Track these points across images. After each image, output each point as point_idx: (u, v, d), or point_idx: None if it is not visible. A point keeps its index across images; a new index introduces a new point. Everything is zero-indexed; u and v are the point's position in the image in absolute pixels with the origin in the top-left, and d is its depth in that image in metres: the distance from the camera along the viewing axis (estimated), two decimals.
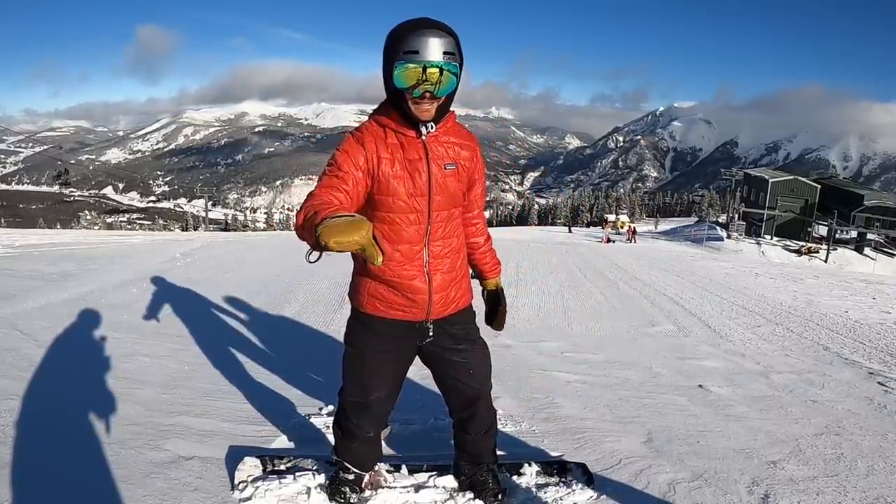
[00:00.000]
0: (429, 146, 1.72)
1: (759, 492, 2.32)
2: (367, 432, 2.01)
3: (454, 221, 1.85)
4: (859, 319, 7.02)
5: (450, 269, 1.86)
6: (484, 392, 2.02)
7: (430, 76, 1.55)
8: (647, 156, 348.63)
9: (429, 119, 1.67)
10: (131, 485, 2.07)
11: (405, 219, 1.75)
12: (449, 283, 1.86)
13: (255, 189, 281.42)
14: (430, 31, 1.54)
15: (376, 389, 1.93)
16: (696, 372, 4.20)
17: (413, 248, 1.78)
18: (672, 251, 22.65)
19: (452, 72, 1.58)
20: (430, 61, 1.54)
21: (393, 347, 1.90)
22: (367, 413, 1.96)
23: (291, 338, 4.71)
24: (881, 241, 35.60)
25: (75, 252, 9.54)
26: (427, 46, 1.53)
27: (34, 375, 3.12)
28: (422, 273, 1.80)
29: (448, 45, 1.55)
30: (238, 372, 3.53)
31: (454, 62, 1.57)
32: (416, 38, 1.53)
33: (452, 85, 1.61)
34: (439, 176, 1.75)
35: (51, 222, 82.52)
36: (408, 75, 1.56)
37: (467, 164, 1.82)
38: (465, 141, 1.82)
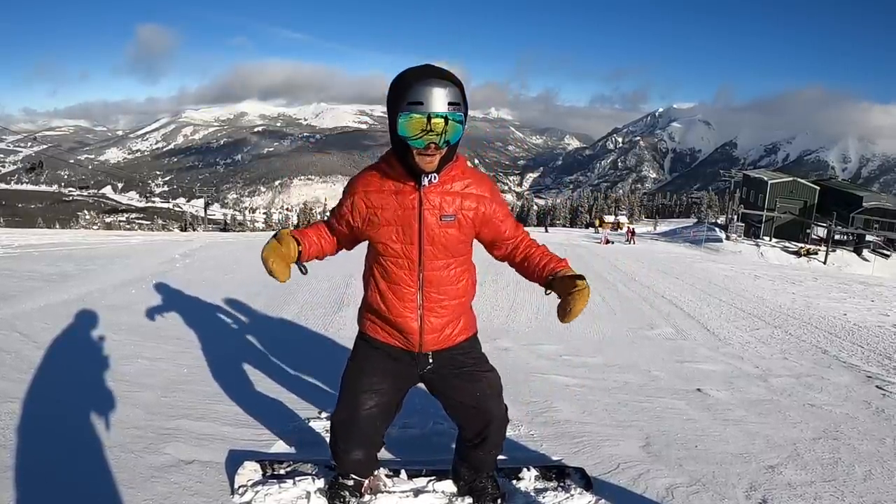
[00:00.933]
0: (424, 197, 1.71)
1: (756, 496, 2.33)
2: (354, 456, 1.99)
3: (454, 271, 1.84)
4: (858, 322, 7.04)
5: (445, 314, 1.86)
6: (497, 415, 1.98)
7: (435, 126, 1.54)
8: (646, 157, 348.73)
9: (431, 170, 1.66)
10: (131, 489, 2.07)
11: (397, 263, 1.80)
12: (444, 325, 1.87)
13: (255, 189, 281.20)
14: (435, 81, 1.53)
15: (368, 403, 1.91)
16: (694, 375, 4.21)
17: (405, 290, 1.82)
18: (671, 252, 22.68)
19: (457, 121, 1.57)
20: (435, 112, 1.53)
21: (392, 367, 1.92)
22: (355, 430, 1.94)
23: (291, 340, 4.72)
24: (880, 242, 35.64)
25: (74, 253, 9.54)
26: (432, 97, 1.52)
27: (34, 378, 3.12)
28: (415, 314, 1.83)
29: (453, 96, 1.54)
30: (238, 375, 3.53)
31: (459, 112, 1.56)
32: (420, 89, 1.52)
33: (458, 135, 1.60)
34: (434, 227, 1.74)
35: (50, 222, 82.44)
36: (412, 125, 1.55)
37: (471, 214, 1.77)
38: (471, 188, 1.76)
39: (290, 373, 3.63)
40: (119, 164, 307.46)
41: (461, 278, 1.87)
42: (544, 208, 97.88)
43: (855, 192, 41.94)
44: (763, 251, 30.41)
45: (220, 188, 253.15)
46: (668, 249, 26.73)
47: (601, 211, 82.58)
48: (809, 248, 31.94)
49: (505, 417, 2.04)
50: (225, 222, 74.79)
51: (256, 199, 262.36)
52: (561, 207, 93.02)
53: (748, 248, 31.11)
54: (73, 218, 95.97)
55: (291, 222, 77.50)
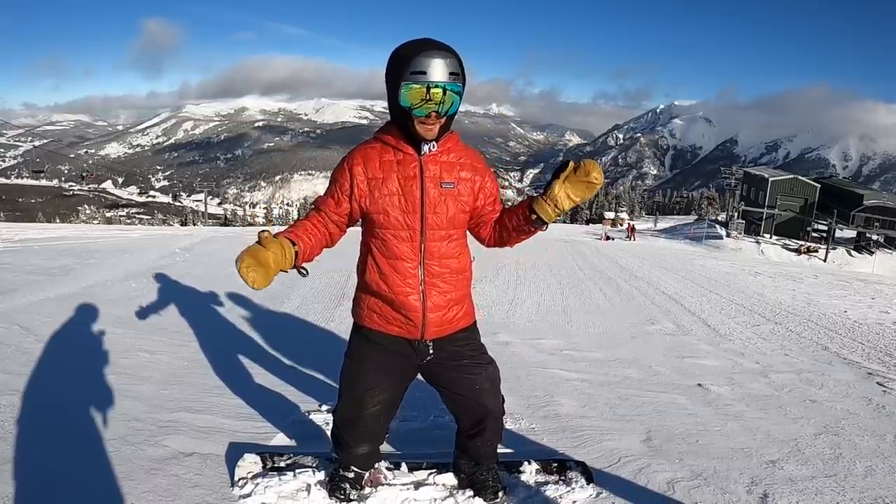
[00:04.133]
0: (424, 164, 1.75)
1: (757, 491, 2.32)
2: (361, 451, 2.00)
3: (454, 243, 1.84)
4: (858, 319, 7.04)
5: (447, 289, 1.84)
6: (493, 410, 1.98)
7: (435, 96, 1.58)
8: (646, 153, 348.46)
9: (432, 138, 1.70)
10: (131, 481, 2.07)
11: (398, 235, 1.77)
12: (447, 304, 1.85)
13: (255, 184, 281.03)
14: (436, 52, 1.57)
15: (371, 402, 1.91)
16: (695, 371, 4.20)
17: (406, 265, 1.79)
18: (671, 249, 22.67)
19: (456, 91, 1.62)
20: (436, 81, 1.57)
21: (391, 361, 1.90)
22: (361, 428, 1.95)
23: (291, 334, 4.71)
24: (880, 240, 35.62)
25: (75, 246, 9.53)
26: (433, 67, 1.56)
27: (34, 371, 3.12)
28: (416, 290, 1.81)
29: (453, 66, 1.58)
30: (238, 368, 3.53)
31: (458, 82, 1.61)
32: (422, 59, 1.56)
33: (456, 105, 1.65)
34: (434, 194, 1.76)
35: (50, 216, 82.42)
36: (413, 95, 1.59)
37: (468, 183, 1.81)
38: (466, 160, 1.82)
39: (291, 366, 3.62)
40: (119, 158, 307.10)
41: (461, 252, 1.87)
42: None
43: (856, 190, 41.89)
44: (763, 248, 30.37)
45: (220, 183, 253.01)
46: (668, 246, 26.72)
47: (602, 207, 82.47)
48: (810, 245, 31.92)
49: (501, 410, 2.04)
50: (225, 217, 74.75)
51: (257, 195, 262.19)
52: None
53: (748, 245, 31.07)
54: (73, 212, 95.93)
55: (292, 217, 77.43)
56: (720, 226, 39.26)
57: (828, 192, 40.85)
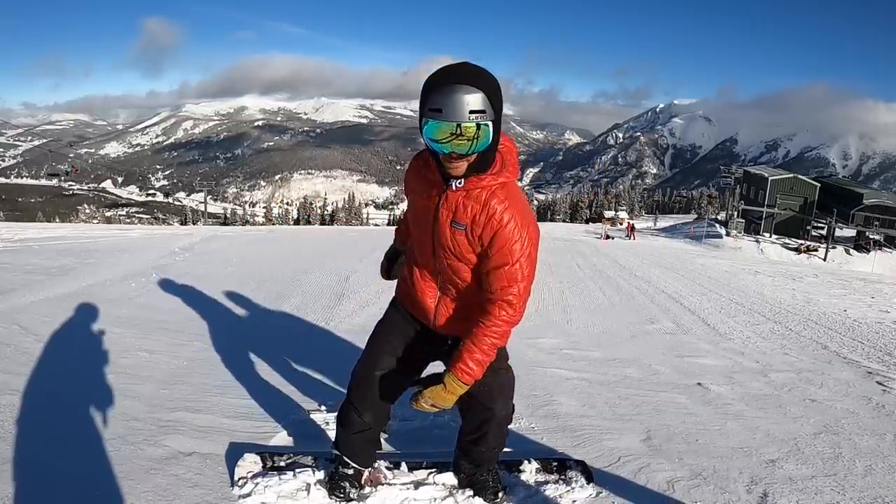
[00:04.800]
0: (447, 196, 1.64)
1: (757, 490, 2.32)
2: (366, 418, 1.99)
3: (472, 274, 1.74)
4: (858, 318, 7.04)
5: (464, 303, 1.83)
6: (498, 414, 1.97)
7: (466, 131, 1.45)
8: (646, 152, 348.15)
9: (458, 176, 1.58)
10: (131, 481, 2.07)
11: (419, 248, 1.87)
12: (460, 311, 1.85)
13: (255, 183, 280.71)
14: (458, 87, 1.43)
15: (383, 366, 1.96)
16: (694, 370, 4.20)
17: (426, 272, 1.88)
18: (671, 248, 22.67)
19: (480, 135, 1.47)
20: (457, 122, 1.44)
21: (414, 335, 1.98)
22: (370, 392, 1.96)
23: (291, 333, 4.71)
24: (880, 240, 35.62)
25: (74, 246, 9.52)
26: (451, 105, 1.43)
27: (34, 370, 3.11)
28: (433, 296, 1.88)
29: (475, 103, 1.43)
30: (238, 368, 3.52)
31: (484, 121, 1.46)
32: (441, 96, 1.43)
33: (486, 141, 1.49)
34: (443, 229, 1.68)
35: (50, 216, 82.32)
36: (437, 131, 1.47)
37: (478, 233, 1.64)
38: (493, 209, 1.61)
39: (291, 365, 3.62)
40: (119, 158, 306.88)
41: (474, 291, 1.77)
42: (545, 203, 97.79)
43: (855, 189, 41.87)
44: (763, 247, 30.35)
45: (220, 182, 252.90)
46: (668, 245, 26.69)
47: (601, 206, 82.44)
48: (809, 244, 31.91)
49: (507, 419, 2.03)
50: (225, 216, 74.65)
51: (256, 194, 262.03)
52: (561, 203, 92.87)
53: (748, 244, 31.04)
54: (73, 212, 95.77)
55: (291, 217, 77.37)
56: (720, 225, 39.24)
57: (827, 191, 40.83)
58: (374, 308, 5.52)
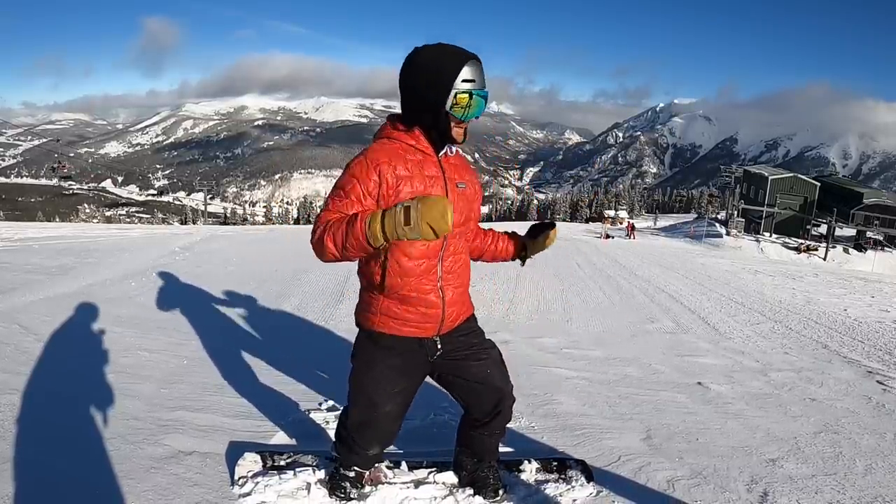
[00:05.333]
0: (444, 165, 1.81)
1: (757, 489, 2.32)
2: (371, 453, 1.98)
3: (465, 237, 1.94)
4: (858, 318, 7.04)
5: (459, 283, 1.90)
6: (506, 390, 2.00)
7: (477, 103, 1.70)
8: (646, 152, 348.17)
9: (462, 141, 1.78)
10: (131, 480, 2.07)
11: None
12: (459, 297, 1.90)
13: (255, 183, 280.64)
14: (478, 62, 1.69)
15: (386, 403, 1.88)
16: (695, 369, 4.20)
17: (429, 263, 1.81)
18: (671, 248, 22.66)
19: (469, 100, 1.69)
20: (480, 90, 1.69)
21: (403, 363, 1.88)
22: (374, 431, 1.92)
23: (291, 332, 4.71)
24: (880, 239, 35.62)
25: (74, 245, 9.53)
26: (481, 78, 1.69)
27: (34, 370, 3.12)
28: (435, 288, 1.83)
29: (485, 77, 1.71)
30: (238, 367, 3.53)
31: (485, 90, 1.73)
32: (471, 69, 1.67)
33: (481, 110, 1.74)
34: (454, 195, 1.81)
35: (49, 215, 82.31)
36: (462, 100, 1.67)
37: (474, 181, 1.93)
38: (465, 164, 1.93)
39: (291, 365, 3.62)
40: (119, 157, 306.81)
41: (466, 247, 1.97)
42: (544, 203, 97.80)
43: (855, 188, 41.86)
44: (763, 247, 30.34)
45: (220, 182, 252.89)
46: (668, 244, 26.69)
47: (601, 206, 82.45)
48: (809, 244, 31.91)
49: (512, 391, 2.04)
50: (225, 216, 74.68)
51: (257, 193, 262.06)
52: (561, 202, 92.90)
53: (748, 243, 31.03)
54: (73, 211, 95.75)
55: (292, 216, 77.41)
56: (720, 224, 39.23)
57: (827, 190, 40.83)
58: None
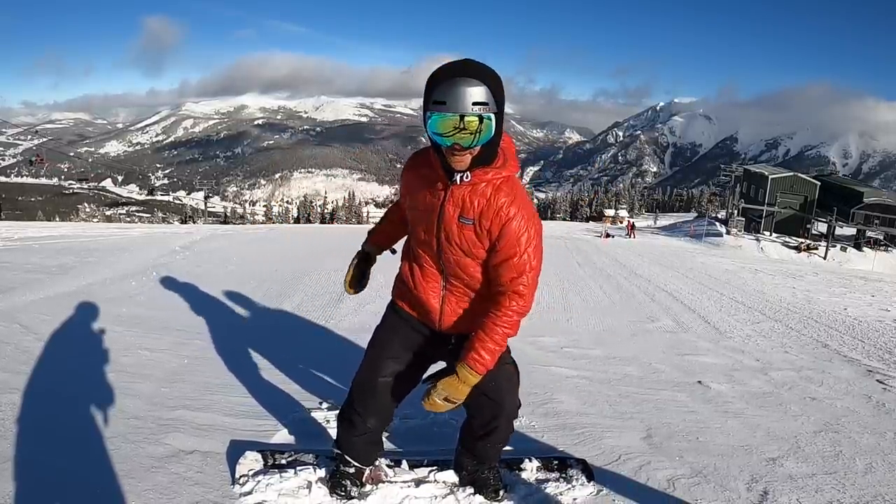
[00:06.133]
0: (452, 192, 1.66)
1: (758, 488, 2.33)
2: (368, 422, 1.99)
3: (478, 268, 1.76)
4: (858, 317, 7.04)
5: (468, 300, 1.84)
6: (509, 408, 1.98)
7: (469, 125, 1.49)
8: (646, 151, 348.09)
9: (462, 168, 1.59)
10: (132, 479, 2.07)
11: (421, 247, 1.83)
12: (466, 307, 1.85)
13: (255, 182, 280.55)
14: (462, 80, 1.47)
15: (386, 372, 1.94)
16: (695, 368, 4.20)
17: (429, 270, 1.85)
18: (671, 247, 22.66)
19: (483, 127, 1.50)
20: (461, 114, 1.47)
21: (414, 337, 1.96)
22: (372, 396, 1.95)
23: (292, 332, 4.71)
24: (880, 238, 35.61)
25: (74, 245, 9.52)
26: (455, 97, 1.47)
27: (34, 369, 3.12)
28: (437, 295, 1.85)
29: (479, 95, 1.47)
30: (238, 366, 3.52)
31: (486, 112, 1.49)
32: (445, 88, 1.48)
33: (488, 133, 1.52)
34: (450, 225, 1.70)
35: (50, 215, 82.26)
36: (440, 124, 1.50)
37: (486, 226, 1.66)
38: (496, 204, 1.65)
39: (292, 363, 3.62)
40: (119, 156, 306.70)
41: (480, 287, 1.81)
42: (545, 202, 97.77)
43: (856, 187, 41.83)
44: (763, 246, 30.34)
45: (220, 181, 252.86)
46: (668, 244, 26.68)
47: (601, 205, 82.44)
48: (809, 243, 31.91)
49: (515, 413, 2.03)
50: (225, 215, 74.64)
51: (257, 192, 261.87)
52: (561, 201, 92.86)
53: (748, 242, 31.03)
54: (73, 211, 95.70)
55: (292, 215, 77.34)
56: (720, 223, 39.22)
57: (828, 189, 40.79)
58: (374, 306, 5.51)
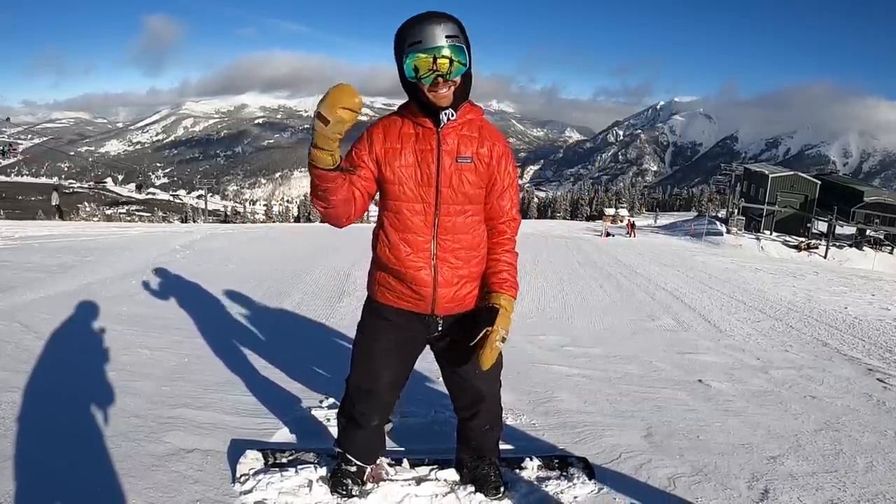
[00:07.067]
0: (442, 137, 1.73)
1: (758, 487, 2.32)
2: (372, 421, 1.99)
3: (470, 219, 1.81)
4: (858, 316, 7.04)
5: (460, 265, 1.82)
6: (490, 393, 2.00)
7: (441, 66, 1.60)
8: (647, 150, 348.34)
9: (447, 104, 1.69)
10: (132, 477, 2.07)
11: (412, 208, 1.76)
12: (458, 280, 1.83)
13: (255, 181, 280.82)
14: (431, 19, 1.59)
15: (383, 376, 1.92)
16: (695, 367, 4.20)
17: (419, 239, 1.78)
18: (671, 246, 22.66)
19: (461, 61, 1.62)
20: (436, 47, 1.58)
21: (401, 336, 1.91)
22: (373, 399, 1.95)
23: (292, 330, 4.71)
24: (880, 238, 35.62)
25: (74, 244, 9.52)
26: (429, 34, 1.58)
27: (34, 368, 3.12)
28: (428, 265, 1.79)
29: (449, 30, 1.59)
30: (239, 364, 3.53)
31: (459, 44, 1.61)
32: (418, 29, 1.59)
33: (462, 68, 1.64)
34: (450, 168, 1.74)
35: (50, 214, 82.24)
36: (417, 64, 1.61)
37: (486, 159, 1.78)
38: (486, 137, 1.79)
39: (292, 362, 3.62)
40: (119, 156, 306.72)
41: (476, 228, 1.84)
42: (545, 201, 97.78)
43: (856, 187, 41.86)
44: (763, 245, 30.37)
45: (220, 180, 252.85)
46: (668, 243, 26.68)
47: (602, 204, 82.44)
48: (810, 242, 31.92)
49: (497, 395, 2.04)
50: (225, 214, 74.64)
51: (257, 191, 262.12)
52: (562, 200, 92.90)
53: (749, 241, 31.06)
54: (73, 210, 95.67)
55: (292, 214, 77.40)
56: (720, 222, 39.23)
57: (828, 188, 40.82)
58: None
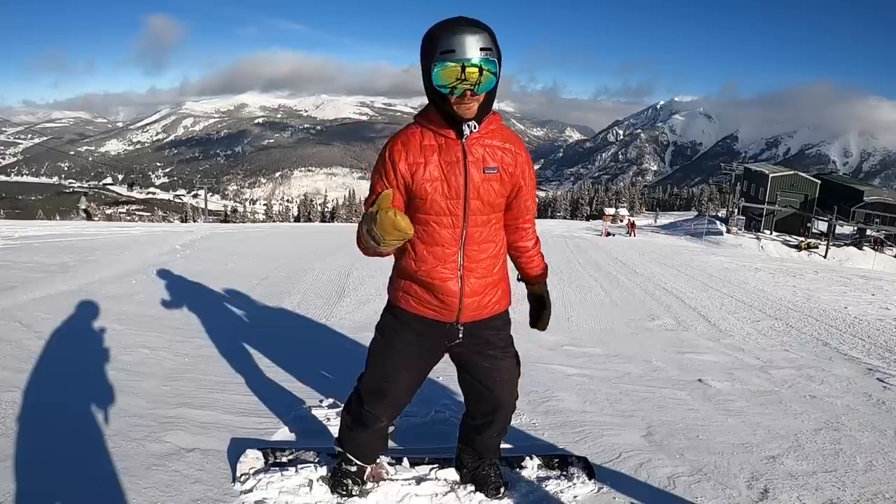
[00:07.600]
0: (468, 148, 1.70)
1: (758, 486, 2.33)
2: (380, 422, 1.98)
3: (493, 227, 1.81)
4: (858, 315, 7.04)
5: (485, 273, 1.82)
6: (507, 402, 1.98)
7: (470, 76, 1.54)
8: (647, 149, 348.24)
9: (471, 117, 1.65)
10: (132, 477, 2.07)
11: (440, 221, 1.74)
12: (483, 288, 1.83)
13: (255, 180, 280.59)
14: (466, 28, 1.53)
15: (398, 380, 1.90)
16: (695, 366, 4.21)
17: (447, 251, 1.76)
18: (672, 245, 22.66)
19: (492, 70, 1.57)
20: (468, 59, 1.52)
21: (421, 343, 1.89)
22: (384, 402, 1.93)
23: (292, 330, 4.71)
24: (880, 237, 35.61)
25: (75, 243, 9.52)
26: (463, 45, 1.52)
27: (34, 367, 3.12)
28: (455, 276, 1.78)
29: (484, 41, 1.53)
30: (239, 364, 3.53)
31: (492, 57, 1.55)
32: (451, 38, 1.52)
33: (492, 81, 1.59)
34: (477, 179, 1.71)
35: (50, 213, 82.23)
36: (446, 74, 1.55)
37: (510, 168, 1.76)
38: (508, 145, 1.77)
39: (292, 361, 3.62)
40: (119, 155, 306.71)
41: (498, 234, 1.85)
42: (545, 200, 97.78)
43: (856, 186, 41.89)
44: (763, 244, 30.39)
45: (220, 180, 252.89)
46: (668, 242, 26.68)
47: (602, 203, 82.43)
48: (810, 241, 31.93)
49: (513, 406, 2.03)
50: (225, 213, 74.62)
51: (257, 191, 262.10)
52: (562, 199, 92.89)
53: (749, 241, 31.08)
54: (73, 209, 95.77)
55: (292, 214, 77.41)
56: (720, 222, 39.24)
57: (828, 188, 40.85)
58: (375, 304, 5.52)
